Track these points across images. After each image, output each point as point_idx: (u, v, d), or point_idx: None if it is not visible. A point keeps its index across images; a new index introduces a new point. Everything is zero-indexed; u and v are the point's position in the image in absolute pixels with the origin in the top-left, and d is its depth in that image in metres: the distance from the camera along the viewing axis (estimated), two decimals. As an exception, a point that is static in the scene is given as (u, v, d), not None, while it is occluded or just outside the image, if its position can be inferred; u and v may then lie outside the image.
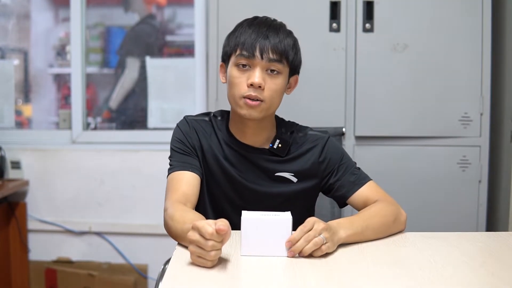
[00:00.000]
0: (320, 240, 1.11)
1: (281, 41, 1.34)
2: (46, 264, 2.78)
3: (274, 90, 1.34)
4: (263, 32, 1.33)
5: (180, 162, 1.41)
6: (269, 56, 1.32)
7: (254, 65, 1.33)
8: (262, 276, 1.04)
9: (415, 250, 1.21)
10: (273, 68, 1.33)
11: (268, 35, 1.33)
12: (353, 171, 1.45)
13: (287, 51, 1.34)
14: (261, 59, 1.32)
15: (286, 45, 1.34)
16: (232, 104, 1.39)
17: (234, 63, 1.36)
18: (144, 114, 2.94)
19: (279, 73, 1.35)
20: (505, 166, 2.20)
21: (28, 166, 2.78)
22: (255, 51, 1.31)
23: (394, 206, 1.37)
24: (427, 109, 2.22)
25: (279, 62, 1.33)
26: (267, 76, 1.33)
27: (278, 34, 1.35)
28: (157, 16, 3.16)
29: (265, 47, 1.32)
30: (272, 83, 1.34)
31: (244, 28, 1.36)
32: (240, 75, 1.34)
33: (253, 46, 1.32)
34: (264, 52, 1.32)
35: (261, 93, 1.33)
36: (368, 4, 2.20)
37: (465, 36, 2.19)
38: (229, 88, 1.38)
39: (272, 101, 1.36)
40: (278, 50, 1.33)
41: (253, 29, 1.34)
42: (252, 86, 1.32)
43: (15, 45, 3.19)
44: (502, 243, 1.30)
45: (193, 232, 1.05)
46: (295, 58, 1.38)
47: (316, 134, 1.48)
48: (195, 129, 1.45)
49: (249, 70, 1.34)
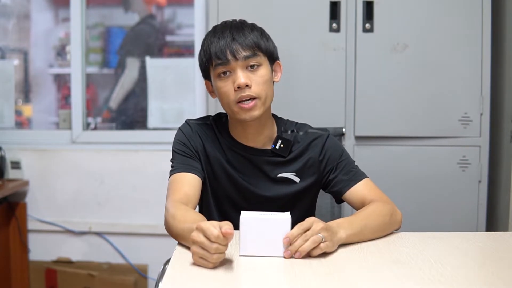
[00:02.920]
0: (318, 238, 1.11)
1: (247, 36, 1.35)
2: (46, 264, 2.78)
3: (262, 83, 1.36)
4: (228, 36, 1.35)
5: (182, 164, 1.41)
6: (242, 55, 1.33)
7: (233, 68, 1.34)
8: (262, 277, 1.04)
9: (415, 250, 1.21)
10: (252, 63, 1.35)
11: (234, 36, 1.35)
12: (351, 169, 1.46)
13: (257, 43, 1.36)
14: (236, 60, 1.33)
15: (253, 38, 1.36)
16: (229, 113, 1.41)
17: (215, 75, 1.37)
18: (144, 114, 2.94)
19: (259, 65, 1.36)
20: (505, 166, 2.20)
21: (28, 166, 2.78)
22: (227, 56, 1.33)
23: (389, 205, 1.38)
24: (427, 109, 2.22)
25: (254, 56, 1.35)
26: (249, 73, 1.35)
27: (242, 31, 1.36)
28: (157, 16, 3.16)
29: (235, 48, 1.33)
30: (257, 76, 1.35)
31: (210, 40, 1.38)
32: (225, 83, 1.35)
33: (224, 52, 1.33)
34: (236, 53, 1.33)
35: (250, 90, 1.34)
36: (368, 4, 2.20)
37: (465, 36, 2.19)
38: (221, 100, 1.39)
39: (265, 93, 1.37)
40: (248, 45, 1.34)
41: (218, 36, 1.36)
42: (240, 88, 1.33)
43: (15, 45, 3.19)
44: (502, 243, 1.30)
45: (197, 233, 1.05)
46: (267, 45, 1.39)
47: (316, 132, 1.49)
48: (198, 133, 1.46)
49: (231, 75, 1.35)
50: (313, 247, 1.11)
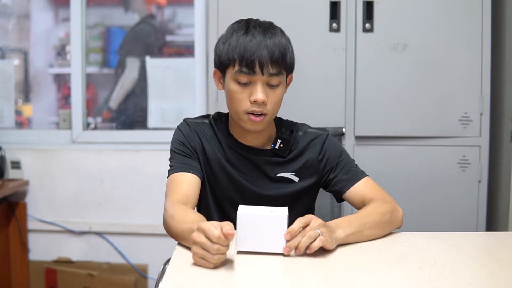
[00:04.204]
0: (315, 233, 1.11)
1: (277, 47, 1.30)
2: (46, 264, 2.78)
3: (276, 102, 1.35)
4: (260, 42, 1.29)
5: (180, 164, 1.41)
6: (269, 71, 1.30)
7: (255, 80, 1.31)
8: (262, 276, 1.04)
9: (415, 250, 1.21)
10: (273, 83, 1.32)
11: (266, 44, 1.29)
12: (351, 168, 1.46)
13: (284, 59, 1.32)
14: (261, 74, 1.30)
15: (282, 52, 1.31)
16: (235, 117, 1.38)
17: (233, 78, 1.33)
18: (144, 114, 2.94)
19: (279, 84, 1.34)
20: (505, 166, 2.20)
21: (28, 166, 2.78)
22: (255, 67, 1.28)
23: (390, 203, 1.38)
24: (427, 109, 2.22)
25: (279, 75, 1.32)
26: (268, 89, 1.32)
27: (273, 39, 1.31)
28: (157, 16, 3.16)
29: (264, 61, 1.28)
30: (274, 95, 1.33)
31: (239, 37, 1.31)
32: (242, 91, 1.32)
33: (253, 62, 1.28)
34: (264, 67, 1.29)
35: (264, 107, 1.33)
36: (368, 4, 2.20)
37: (465, 36, 2.19)
38: (230, 102, 1.36)
39: (275, 112, 1.37)
40: (277, 62, 1.30)
41: (249, 39, 1.29)
42: (256, 102, 1.31)
43: (15, 45, 3.19)
44: (502, 243, 1.30)
45: (198, 233, 1.05)
46: (290, 60, 1.36)
47: (315, 132, 1.49)
48: (196, 132, 1.45)
49: (249, 85, 1.32)
50: (311, 242, 1.11)
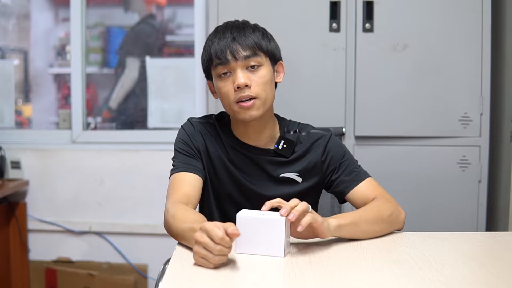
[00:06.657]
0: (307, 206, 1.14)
1: (247, 37, 1.35)
2: (46, 264, 2.78)
3: (262, 83, 1.35)
4: (228, 36, 1.35)
5: (183, 164, 1.41)
6: (242, 55, 1.33)
7: (233, 68, 1.34)
8: (262, 277, 1.04)
9: (415, 250, 1.21)
10: (252, 64, 1.35)
11: (234, 36, 1.35)
12: (354, 169, 1.46)
13: (258, 43, 1.36)
14: (236, 60, 1.33)
15: (254, 38, 1.36)
16: (230, 113, 1.41)
17: (216, 75, 1.38)
18: (144, 114, 2.94)
19: (260, 66, 1.36)
20: (505, 166, 2.20)
21: (28, 166, 2.78)
22: (227, 56, 1.33)
23: (391, 203, 1.38)
24: (427, 109, 2.22)
25: (255, 56, 1.35)
26: (249, 73, 1.35)
27: (243, 31, 1.36)
28: (157, 16, 3.16)
29: (235, 48, 1.33)
30: (257, 77, 1.35)
31: (211, 40, 1.38)
32: (225, 84, 1.36)
33: (224, 52, 1.33)
34: (236, 52, 1.33)
35: (250, 91, 1.34)
36: (368, 4, 2.20)
37: (465, 36, 2.19)
38: (222, 100, 1.40)
39: (265, 94, 1.36)
40: (249, 45, 1.34)
41: (219, 37, 1.36)
42: (239, 88, 1.33)
43: (15, 45, 3.19)
44: (502, 243, 1.30)
45: (201, 233, 1.05)
46: (269, 46, 1.39)
47: (318, 132, 1.49)
48: (200, 132, 1.46)
49: (231, 76, 1.35)
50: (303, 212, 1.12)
